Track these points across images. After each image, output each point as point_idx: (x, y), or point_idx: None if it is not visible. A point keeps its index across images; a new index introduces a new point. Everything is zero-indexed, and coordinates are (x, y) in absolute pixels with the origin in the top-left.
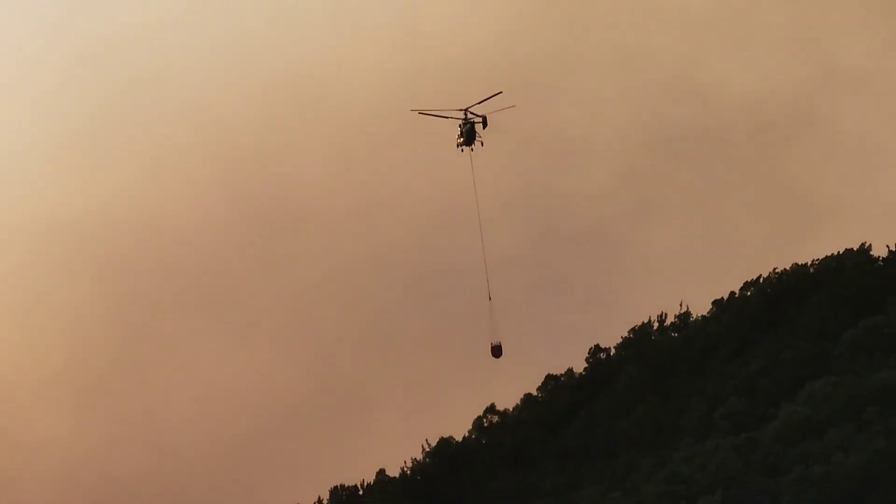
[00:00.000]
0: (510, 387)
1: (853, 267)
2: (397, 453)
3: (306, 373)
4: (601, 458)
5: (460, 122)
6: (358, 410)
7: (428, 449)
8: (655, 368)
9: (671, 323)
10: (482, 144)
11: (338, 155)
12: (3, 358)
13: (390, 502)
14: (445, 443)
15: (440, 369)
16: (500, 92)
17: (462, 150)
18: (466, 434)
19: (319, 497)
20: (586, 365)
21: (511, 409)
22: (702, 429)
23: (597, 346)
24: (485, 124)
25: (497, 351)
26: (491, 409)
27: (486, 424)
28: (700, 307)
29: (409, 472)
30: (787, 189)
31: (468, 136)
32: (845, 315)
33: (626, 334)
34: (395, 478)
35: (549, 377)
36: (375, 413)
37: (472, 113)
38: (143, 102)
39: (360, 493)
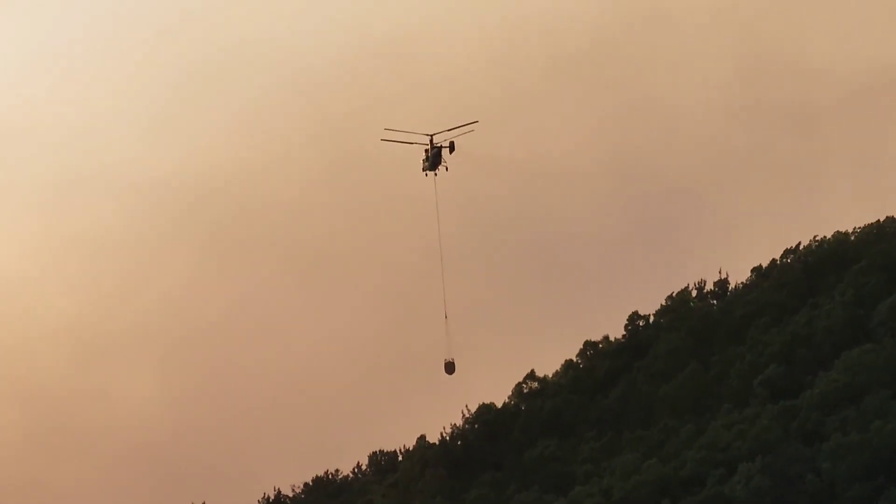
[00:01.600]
0: (550, 353)
1: (893, 235)
2: (438, 419)
3: (355, 340)
4: (640, 425)
5: (426, 147)
6: (398, 377)
7: (468, 415)
8: (694, 336)
9: (710, 290)
10: (447, 169)
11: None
12: (100, 312)
13: (429, 468)
14: (486, 408)
15: (481, 336)
16: (476, 121)
17: (426, 175)
18: (506, 400)
19: (359, 462)
20: (624, 332)
21: (551, 376)
22: (740, 396)
23: (635, 312)
24: (451, 149)
25: (450, 368)
26: (531, 375)
27: (525, 391)
28: (739, 275)
29: (448, 437)
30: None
31: (433, 160)
32: (884, 283)
33: (664, 302)
34: (434, 443)
35: (588, 343)
36: (415, 379)
37: (434, 139)
38: (239, 63)
39: (400, 458)
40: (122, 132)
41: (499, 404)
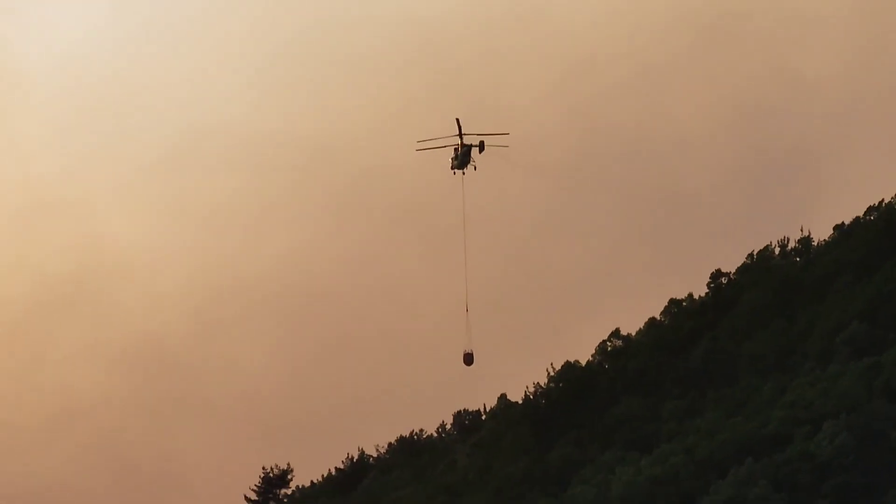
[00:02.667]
0: (634, 312)
1: None
2: (521, 378)
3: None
4: (723, 383)
5: (456, 146)
6: (481, 336)
7: (552, 373)
8: (777, 294)
9: (793, 248)
10: (475, 168)
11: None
12: (218, 273)
13: (513, 427)
14: (569, 367)
15: (566, 294)
16: (508, 133)
17: (455, 173)
18: (590, 358)
19: (443, 422)
20: (707, 290)
21: (634, 334)
22: (824, 354)
23: (718, 270)
24: (481, 149)
25: (469, 359)
26: (615, 333)
27: (609, 349)
28: (822, 232)
29: (532, 396)
30: None
31: (462, 159)
32: None
33: (746, 259)
34: (518, 402)
35: (672, 302)
36: (499, 338)
37: (466, 136)
38: (355, 18)
39: (483, 417)
40: (237, 91)
41: (583, 363)
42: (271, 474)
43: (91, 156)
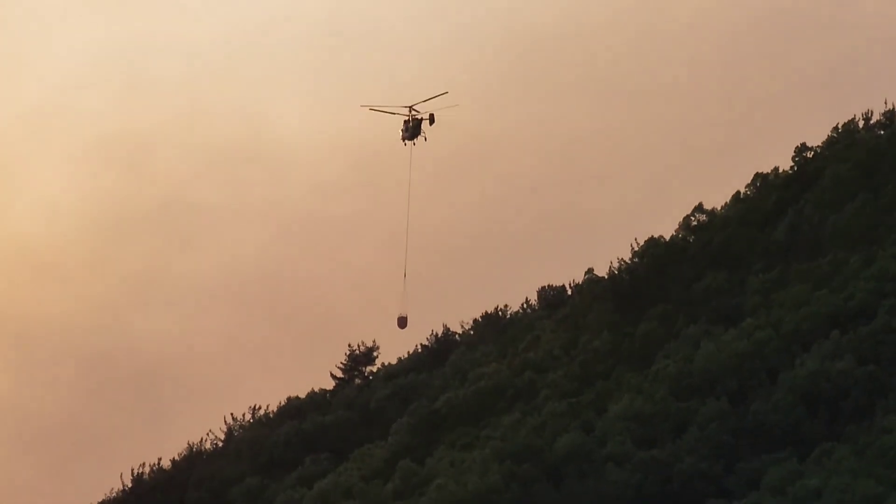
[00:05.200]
0: (718, 186)
1: None
2: (606, 253)
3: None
4: (808, 257)
5: (406, 118)
6: (566, 213)
7: (636, 248)
8: (861, 167)
9: (877, 121)
10: (425, 139)
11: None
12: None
13: (598, 302)
14: (653, 242)
15: (649, 166)
16: (446, 92)
17: (405, 144)
18: (674, 233)
19: (527, 298)
20: (792, 164)
21: (719, 208)
22: None
23: (803, 144)
24: (431, 121)
25: (402, 322)
26: (699, 208)
27: (694, 223)
28: None
29: (616, 271)
30: None
31: (413, 130)
32: None
33: (831, 133)
34: (602, 277)
35: (756, 175)
36: (583, 214)
37: (416, 110)
38: None
39: (568, 293)
40: None
41: (666, 237)
42: (357, 351)
43: None
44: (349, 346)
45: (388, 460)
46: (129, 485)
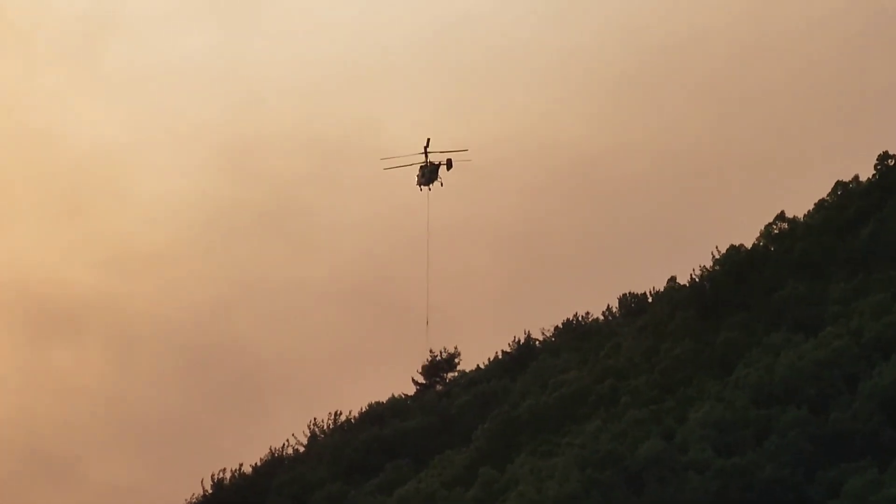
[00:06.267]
0: (800, 194)
1: None
2: (687, 261)
3: None
4: (890, 265)
5: (423, 163)
6: (648, 222)
7: (717, 256)
8: None
9: None
10: (441, 185)
11: None
12: None
13: (679, 309)
14: (734, 250)
15: (732, 175)
16: (466, 150)
17: (421, 189)
18: (756, 241)
19: (609, 305)
20: (875, 171)
21: (801, 217)
22: None
23: (885, 152)
24: (449, 166)
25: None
26: (781, 216)
27: (775, 232)
28: None
29: (698, 279)
30: None
31: (430, 176)
32: None
33: None
34: (684, 285)
35: (838, 183)
36: (665, 223)
37: (431, 153)
38: None
39: (649, 300)
40: None
41: (748, 245)
42: (439, 357)
43: None
44: (430, 351)
45: (468, 467)
46: (210, 490)
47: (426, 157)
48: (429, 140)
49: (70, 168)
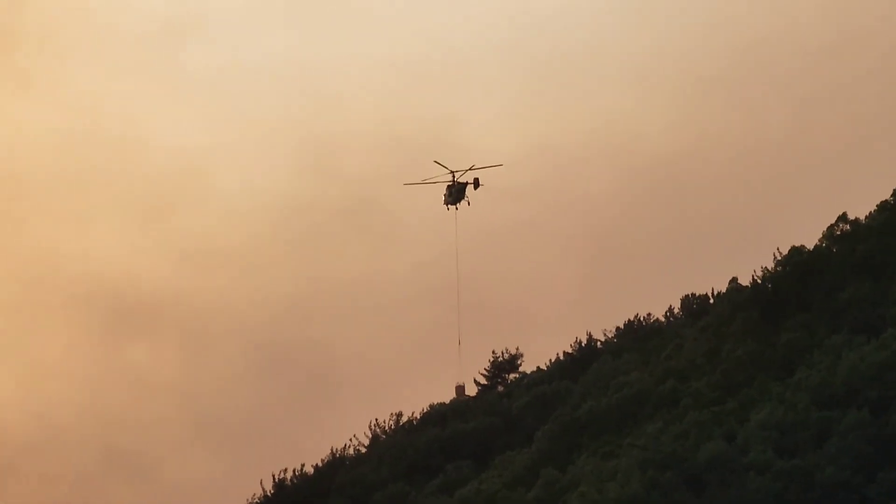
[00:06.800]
0: (863, 195)
1: None
2: (749, 263)
3: None
4: None
5: (450, 182)
6: (709, 222)
7: (779, 257)
8: None
9: None
10: (469, 204)
11: None
12: None
13: (740, 310)
14: (796, 251)
15: (790, 175)
16: (501, 164)
17: (448, 209)
18: (818, 242)
19: (671, 306)
20: None
21: (863, 218)
22: None
23: None
24: (476, 185)
25: (460, 391)
26: (843, 217)
27: (837, 233)
28: None
29: (759, 280)
30: None
31: (456, 195)
32: None
33: None
34: (745, 286)
35: None
36: (726, 224)
37: (459, 173)
38: None
39: (711, 301)
40: None
41: (809, 247)
42: (500, 359)
43: None
44: (493, 352)
45: (529, 467)
46: (272, 490)
47: (453, 176)
48: (439, 163)
49: (152, 168)
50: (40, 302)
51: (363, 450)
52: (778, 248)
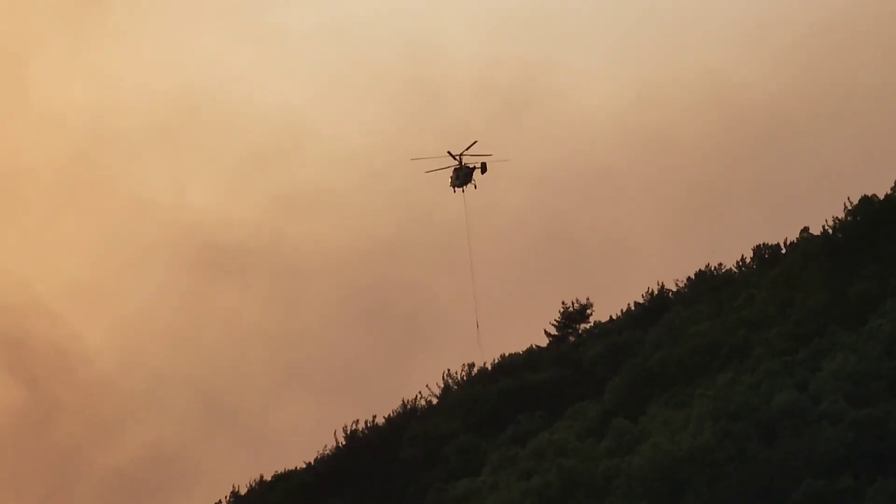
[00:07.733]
0: None
1: None
2: (820, 212)
3: None
4: None
5: (456, 166)
6: (782, 172)
7: (850, 207)
8: None
9: None
10: (475, 188)
11: None
12: None
13: (812, 259)
14: (867, 201)
15: (860, 122)
16: (476, 142)
17: (455, 191)
18: (889, 192)
19: (742, 256)
20: None
21: None
22: None
23: None
24: (483, 170)
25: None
26: None
27: None
28: None
29: (831, 230)
30: None
31: (463, 178)
32: None
33: None
34: (817, 236)
35: None
36: (799, 172)
37: (468, 156)
38: None
39: (783, 251)
40: None
41: (881, 196)
42: (571, 309)
43: None
44: (563, 303)
45: (601, 418)
46: (343, 442)
47: (460, 160)
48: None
49: (250, 121)
50: (136, 247)
51: (434, 401)
52: (848, 198)
